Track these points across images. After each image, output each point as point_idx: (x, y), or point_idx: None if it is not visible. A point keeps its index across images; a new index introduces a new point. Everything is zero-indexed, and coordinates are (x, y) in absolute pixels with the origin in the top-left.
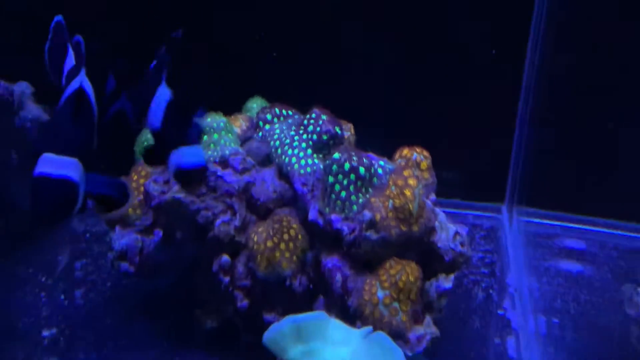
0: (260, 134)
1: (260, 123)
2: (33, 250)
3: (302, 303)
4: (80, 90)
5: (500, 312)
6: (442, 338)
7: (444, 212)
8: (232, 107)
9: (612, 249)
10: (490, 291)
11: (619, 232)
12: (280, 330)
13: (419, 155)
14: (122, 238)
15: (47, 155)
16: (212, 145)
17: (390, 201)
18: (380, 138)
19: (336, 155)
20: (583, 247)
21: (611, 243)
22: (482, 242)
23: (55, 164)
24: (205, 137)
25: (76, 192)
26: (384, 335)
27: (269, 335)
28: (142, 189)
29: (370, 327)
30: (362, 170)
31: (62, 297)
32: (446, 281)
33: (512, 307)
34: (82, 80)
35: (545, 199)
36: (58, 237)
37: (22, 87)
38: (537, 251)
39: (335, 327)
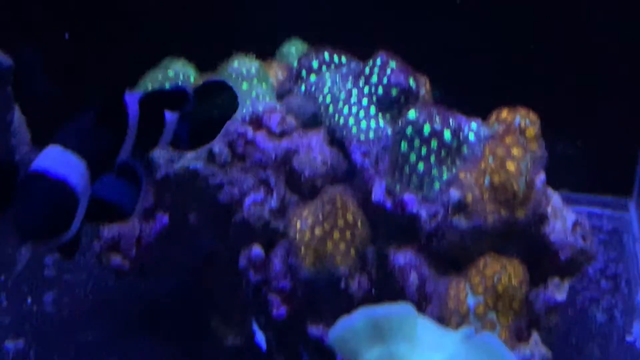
0: (303, 87)
1: (304, 73)
2: None
3: None
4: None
5: (628, 338)
6: None
7: None
8: (261, 52)
9: None
10: (614, 311)
11: None
12: (352, 327)
13: (524, 119)
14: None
15: (54, 149)
16: (240, 93)
17: (487, 177)
18: (466, 97)
19: (412, 114)
20: None
21: None
22: (602, 248)
23: (58, 160)
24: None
25: (75, 202)
26: (492, 338)
27: (336, 333)
28: None
29: (472, 328)
30: (447, 134)
31: (29, 301)
32: (558, 291)
33: None
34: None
35: None
36: None
37: None
38: None
39: (425, 325)
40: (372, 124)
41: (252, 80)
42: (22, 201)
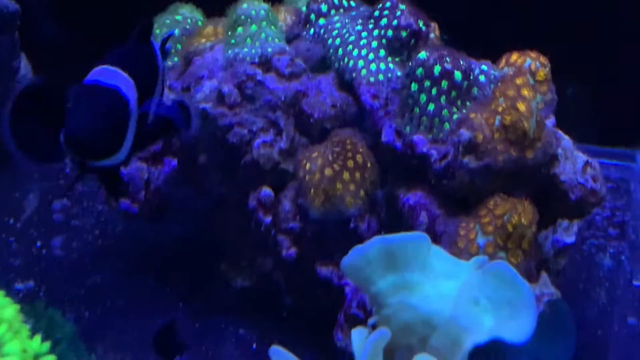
0: (312, 31)
1: (312, 16)
2: None
3: None
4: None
5: (635, 283)
6: None
7: None
8: None
9: None
10: (622, 258)
11: None
12: (365, 254)
13: (534, 62)
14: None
15: (104, 68)
16: (248, 39)
17: (498, 117)
18: (475, 43)
19: (422, 54)
20: None
21: None
22: (609, 197)
23: (110, 75)
24: (239, 29)
25: (127, 114)
26: (505, 265)
27: (349, 261)
28: None
29: (485, 257)
30: (458, 75)
31: (38, 244)
32: (567, 233)
33: None
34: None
35: None
36: (24, 172)
37: None
38: None
39: (439, 254)
40: (382, 66)
41: (260, 22)
42: (75, 109)
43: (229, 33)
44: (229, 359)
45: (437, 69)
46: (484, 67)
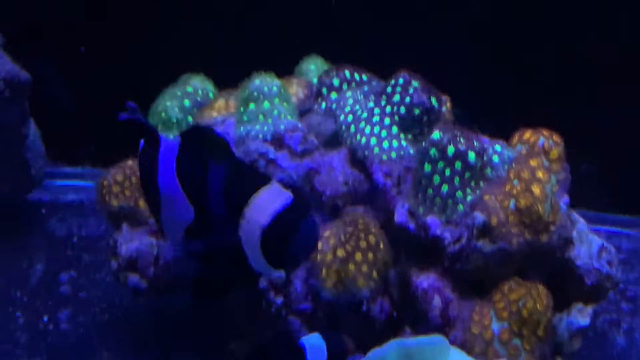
0: (323, 105)
1: (324, 90)
2: (1, 257)
3: (382, 335)
4: None
5: None
6: None
7: None
8: (280, 69)
9: None
10: (634, 334)
11: None
12: (384, 358)
13: (547, 140)
14: (130, 241)
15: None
16: (260, 116)
17: (512, 200)
18: (487, 117)
19: (436, 134)
20: None
21: None
22: (621, 269)
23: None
24: (251, 106)
25: None
26: None
27: None
28: None
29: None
30: (472, 156)
31: (45, 319)
32: (582, 315)
33: None
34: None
35: None
36: (32, 242)
37: None
38: None
39: (458, 357)
40: (394, 143)
41: (273, 99)
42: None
43: (242, 109)
44: None
45: (450, 150)
46: (498, 147)
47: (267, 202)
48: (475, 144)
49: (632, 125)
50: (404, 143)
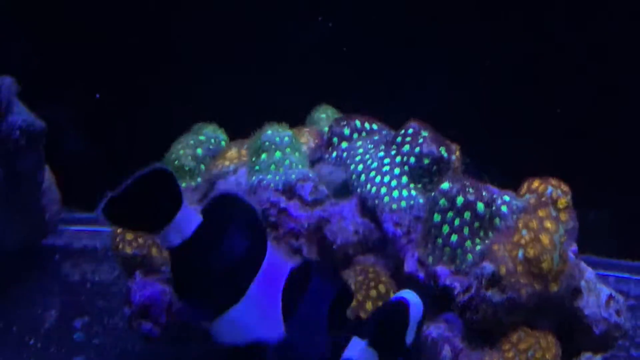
0: (334, 154)
1: (335, 140)
2: (14, 301)
3: None
4: None
5: None
6: None
7: None
8: (292, 118)
9: None
10: None
11: None
12: None
13: (556, 190)
14: (144, 288)
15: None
16: (272, 166)
17: (521, 250)
18: (495, 166)
19: (445, 185)
20: None
21: None
22: (630, 315)
23: None
24: (263, 156)
25: None
26: None
27: None
28: None
29: None
30: (480, 206)
31: None
32: None
33: None
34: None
35: None
36: (45, 287)
37: (7, 84)
38: None
39: None
40: (404, 193)
41: (285, 149)
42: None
43: (253, 159)
44: None
45: (459, 200)
46: (506, 197)
47: None
48: (484, 194)
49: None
50: (413, 192)
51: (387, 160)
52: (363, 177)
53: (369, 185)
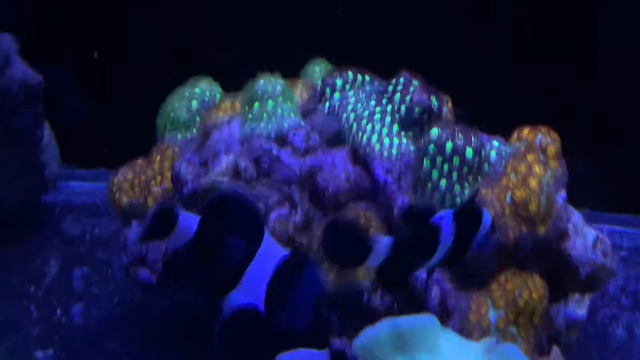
0: (327, 105)
1: (327, 91)
2: (15, 254)
3: None
4: None
5: None
6: None
7: None
8: (288, 73)
9: None
10: (634, 328)
11: None
12: (375, 337)
13: (545, 137)
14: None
15: None
16: (265, 115)
17: (509, 193)
18: (487, 117)
19: (434, 131)
20: None
21: None
22: (622, 266)
23: None
24: (256, 105)
25: None
26: (513, 349)
27: (361, 342)
28: (167, 173)
29: (493, 339)
30: (469, 152)
31: (58, 312)
32: (579, 307)
33: None
34: None
35: None
36: (45, 241)
37: (7, 40)
38: None
39: (448, 337)
40: (395, 141)
41: (277, 98)
42: None
43: (246, 108)
44: None
45: (449, 146)
46: (496, 143)
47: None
48: (473, 140)
49: (631, 123)
50: (404, 140)
51: (378, 110)
52: (355, 126)
53: (360, 134)
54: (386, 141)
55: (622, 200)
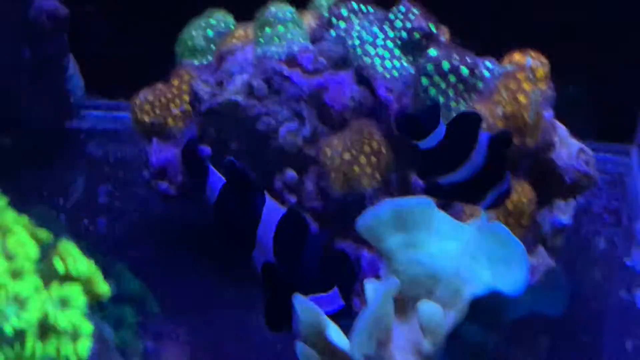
0: (333, 33)
1: (334, 20)
2: (45, 172)
3: None
4: None
5: (627, 262)
6: None
7: None
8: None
9: None
10: (615, 239)
11: None
12: (377, 216)
13: (535, 60)
14: (160, 152)
15: None
16: (275, 38)
17: (500, 108)
18: (483, 45)
19: (432, 51)
20: None
21: None
22: (605, 188)
23: None
24: (267, 30)
25: None
26: (500, 227)
27: (363, 221)
28: (185, 96)
29: (484, 218)
30: (464, 70)
31: (85, 222)
32: (564, 214)
33: None
34: None
35: None
36: (72, 161)
37: None
38: None
39: (442, 217)
40: (396, 63)
41: (287, 23)
42: None
43: (258, 33)
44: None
45: (445, 65)
46: (488, 63)
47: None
48: (468, 60)
49: (617, 55)
50: (405, 64)
51: (381, 35)
52: (359, 50)
53: (364, 57)
54: (388, 64)
55: (607, 129)
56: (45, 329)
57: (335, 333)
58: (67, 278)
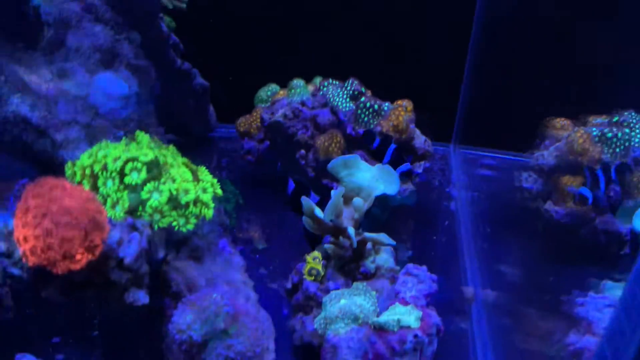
0: (321, 93)
1: (322, 87)
2: (197, 155)
3: None
4: None
5: (447, 189)
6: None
7: None
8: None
9: (509, 164)
10: (441, 181)
11: (512, 156)
12: (336, 162)
13: (407, 103)
14: (248, 143)
15: None
16: (296, 95)
17: (391, 122)
18: (383, 94)
19: (363, 99)
20: (493, 162)
21: (509, 162)
22: (438, 161)
23: None
24: (292, 91)
25: None
26: (389, 167)
27: (330, 165)
28: (257, 121)
29: (386, 166)
30: (376, 106)
31: (211, 172)
32: (419, 168)
33: (453, 188)
34: None
35: (472, 140)
36: (212, 152)
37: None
38: (467, 165)
39: (363, 163)
40: (347, 104)
41: (301, 88)
42: None
43: (288, 92)
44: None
45: (368, 104)
46: (386, 104)
47: None
48: (378, 102)
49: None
50: (351, 104)
51: (341, 93)
52: (331, 98)
53: (335, 102)
54: (344, 104)
55: (439, 133)
56: (196, 202)
57: (318, 211)
58: (203, 182)
